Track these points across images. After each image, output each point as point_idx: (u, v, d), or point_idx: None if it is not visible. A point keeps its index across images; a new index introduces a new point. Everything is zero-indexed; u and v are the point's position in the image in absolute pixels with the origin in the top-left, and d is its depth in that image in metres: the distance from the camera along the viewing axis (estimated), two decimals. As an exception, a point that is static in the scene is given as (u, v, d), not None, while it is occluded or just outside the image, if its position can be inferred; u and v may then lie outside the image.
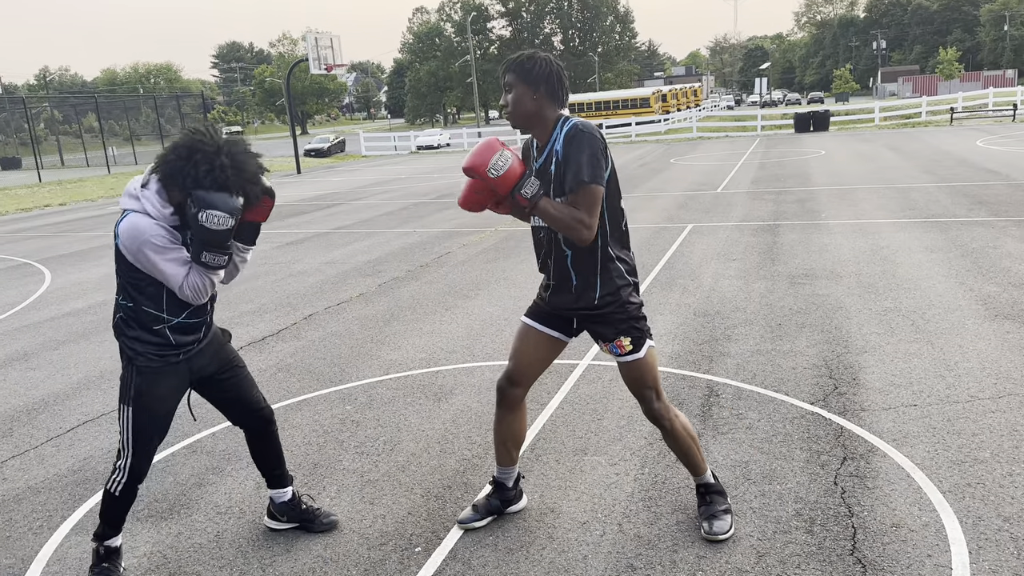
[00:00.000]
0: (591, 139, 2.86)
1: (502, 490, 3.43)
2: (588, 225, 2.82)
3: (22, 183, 31.63)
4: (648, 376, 3.10)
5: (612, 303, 3.01)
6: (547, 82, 2.91)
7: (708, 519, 3.21)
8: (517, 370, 3.26)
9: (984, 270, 7.28)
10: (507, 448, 3.36)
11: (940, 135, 25.35)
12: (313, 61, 27.04)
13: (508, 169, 2.78)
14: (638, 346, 3.05)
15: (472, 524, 3.38)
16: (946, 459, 3.71)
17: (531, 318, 3.27)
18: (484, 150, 2.80)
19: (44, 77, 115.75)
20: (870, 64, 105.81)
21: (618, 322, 3.03)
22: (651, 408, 3.15)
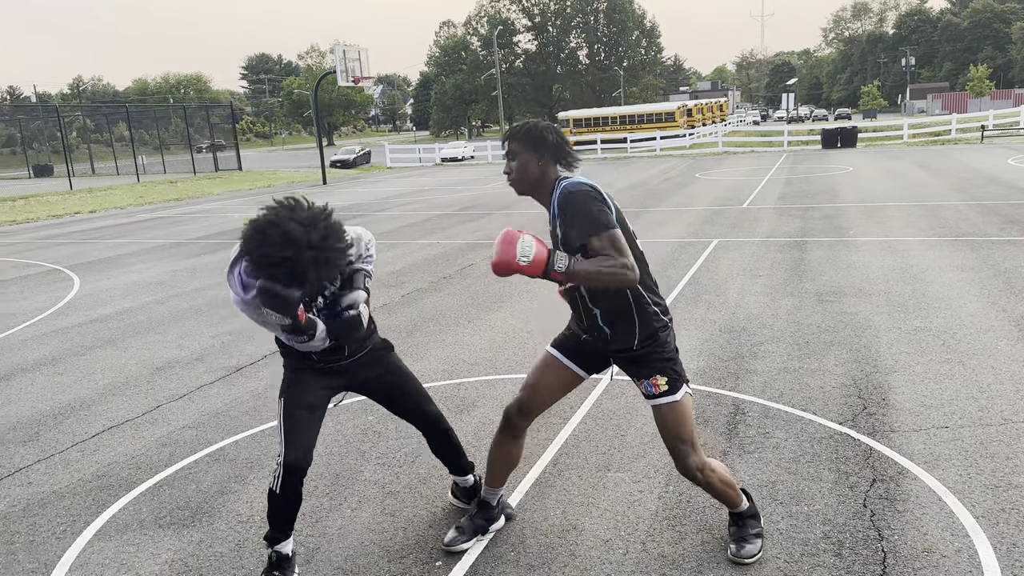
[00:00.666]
0: (585, 193, 2.84)
1: (486, 509, 3.43)
2: (630, 266, 2.75)
3: (53, 190, 32.17)
4: (684, 427, 3.00)
5: (650, 344, 2.99)
6: (551, 145, 2.95)
7: (737, 541, 3.17)
8: (531, 401, 3.24)
9: (1017, 290, 7.15)
10: (499, 471, 3.36)
11: (970, 153, 25.03)
12: (341, 73, 27.27)
13: (535, 253, 2.76)
14: (674, 388, 2.99)
15: (458, 546, 3.33)
16: (979, 483, 3.62)
17: (558, 350, 3.22)
18: (507, 245, 2.78)
19: (77, 87, 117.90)
20: (899, 81, 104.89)
21: (655, 361, 2.99)
22: (686, 464, 3.03)
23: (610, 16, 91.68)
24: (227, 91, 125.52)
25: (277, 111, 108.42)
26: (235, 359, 6.41)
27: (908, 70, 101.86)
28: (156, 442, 4.73)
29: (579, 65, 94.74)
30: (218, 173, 40.53)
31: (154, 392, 5.70)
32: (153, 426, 5.01)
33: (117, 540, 3.59)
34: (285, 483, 3.05)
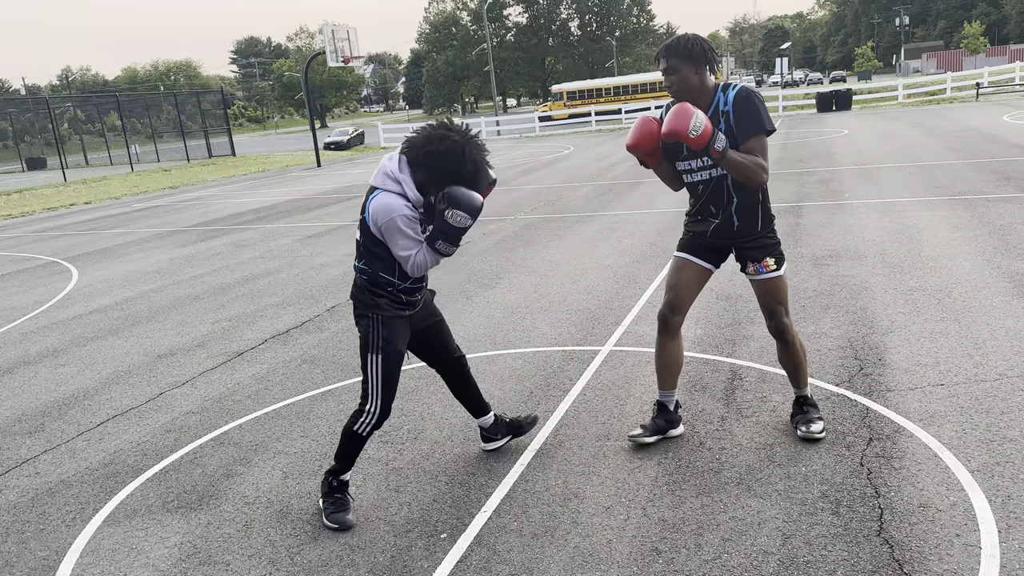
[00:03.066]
0: (760, 97, 3.44)
1: (665, 411, 3.90)
2: (767, 169, 3.42)
3: (48, 183, 32.07)
4: (782, 293, 3.68)
5: (765, 234, 3.66)
6: (707, 56, 3.41)
7: (805, 423, 3.78)
8: (677, 299, 3.74)
9: (1012, 247, 7.16)
10: (669, 372, 3.83)
11: (966, 111, 24.93)
12: (330, 54, 27.08)
13: (704, 129, 3.26)
14: (779, 265, 3.67)
15: (642, 439, 3.82)
16: (974, 438, 3.66)
17: (686, 252, 3.80)
18: (682, 115, 3.25)
19: (66, 77, 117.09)
20: (893, 41, 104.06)
21: (768, 247, 3.66)
22: (780, 322, 3.70)
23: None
24: (217, 76, 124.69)
25: (268, 95, 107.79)
26: (236, 344, 6.45)
27: (902, 30, 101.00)
28: (161, 428, 4.78)
29: (571, 37, 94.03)
30: (212, 159, 40.39)
31: (156, 380, 5.74)
32: (157, 413, 5.05)
33: (126, 525, 3.65)
34: (374, 427, 3.46)
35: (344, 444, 3.49)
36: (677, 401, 3.95)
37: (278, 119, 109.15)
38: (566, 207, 12.69)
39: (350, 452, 3.51)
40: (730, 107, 3.42)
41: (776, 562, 2.89)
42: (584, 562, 3.01)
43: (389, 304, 3.42)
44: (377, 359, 3.41)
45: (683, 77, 3.40)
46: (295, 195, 19.04)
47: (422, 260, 3.30)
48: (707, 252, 3.77)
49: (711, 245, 3.75)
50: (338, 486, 3.53)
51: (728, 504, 3.30)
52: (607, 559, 3.01)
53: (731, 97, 3.43)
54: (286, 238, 12.08)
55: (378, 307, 3.41)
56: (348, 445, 3.49)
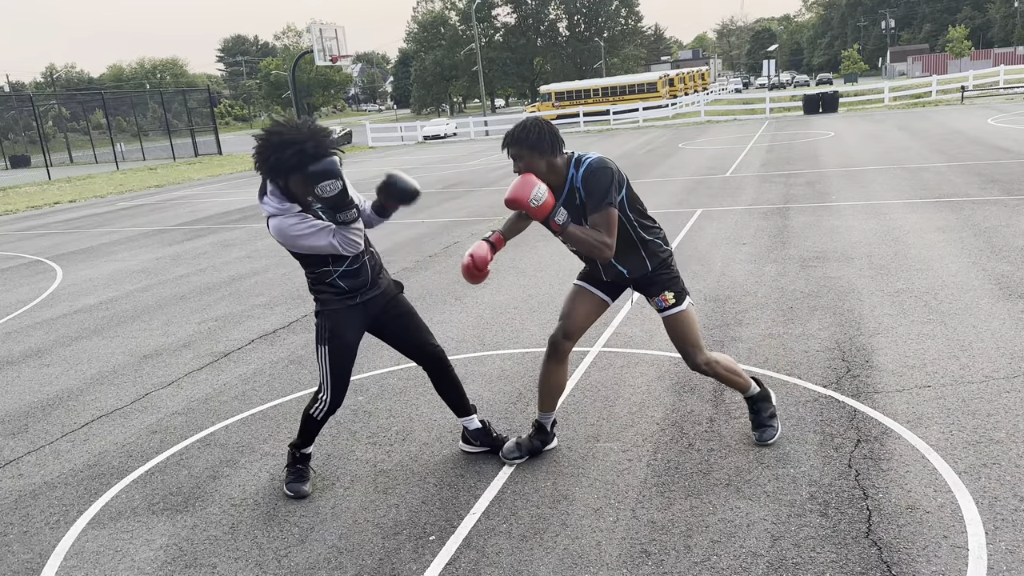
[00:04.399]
0: (606, 172, 3.37)
1: (542, 432, 3.92)
2: (609, 245, 3.37)
3: (32, 181, 31.79)
4: (689, 332, 3.62)
5: (660, 269, 3.60)
6: (550, 142, 3.37)
7: (757, 428, 3.82)
8: (570, 326, 3.71)
9: (997, 249, 7.22)
10: (551, 396, 3.84)
11: (951, 114, 25.12)
12: (318, 53, 27.00)
13: (544, 201, 3.30)
14: (680, 299, 3.60)
15: (514, 458, 3.83)
16: (961, 440, 3.68)
17: (584, 281, 3.79)
18: (524, 185, 3.28)
19: (51, 75, 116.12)
20: (879, 44, 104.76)
21: (664, 281, 3.60)
22: (694, 362, 3.66)
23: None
24: (204, 74, 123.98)
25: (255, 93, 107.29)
26: (222, 345, 6.40)
27: (888, 33, 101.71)
28: (146, 430, 4.74)
29: (559, 37, 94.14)
30: (198, 158, 40.16)
31: (142, 380, 5.69)
32: (142, 414, 5.01)
33: (111, 528, 3.61)
34: (327, 414, 3.69)
35: (303, 423, 3.76)
36: (554, 420, 3.97)
37: (265, 118, 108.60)
38: (554, 208, 12.67)
39: (307, 431, 3.77)
40: (579, 183, 3.40)
41: (765, 564, 2.89)
42: (573, 564, 3.00)
43: (331, 296, 3.58)
44: (324, 351, 3.60)
45: (528, 164, 3.39)
46: (282, 194, 18.91)
47: (343, 239, 3.43)
48: (603, 285, 3.76)
49: (608, 283, 3.75)
50: (300, 458, 3.81)
51: (717, 506, 3.30)
52: (596, 561, 3.01)
53: (581, 172, 3.40)
54: (273, 237, 12.00)
55: (322, 301, 3.60)
56: (305, 425, 3.76)
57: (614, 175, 3.39)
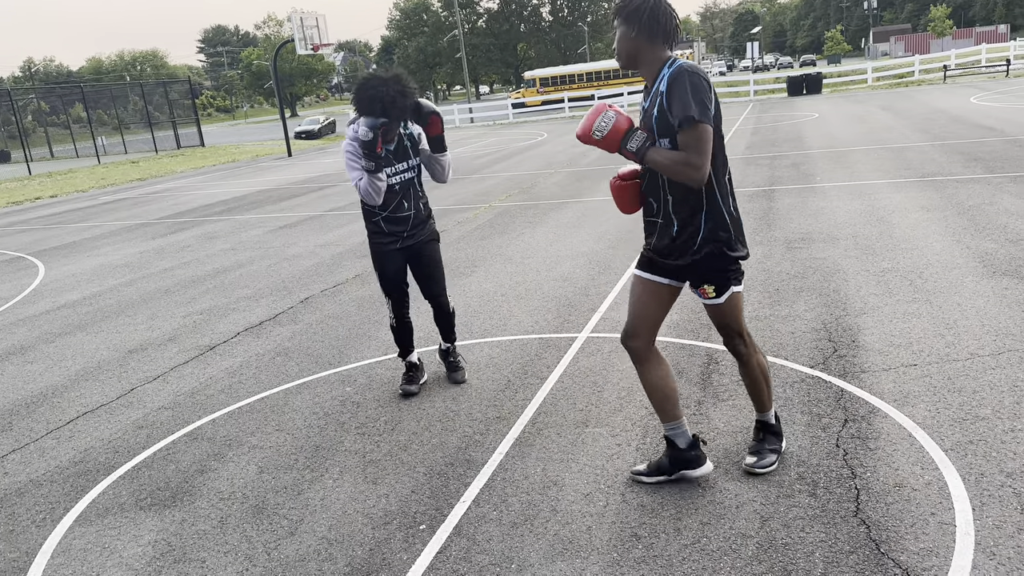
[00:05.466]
0: (695, 77, 2.84)
1: (672, 448, 3.33)
2: (697, 166, 2.82)
3: (12, 176, 31.43)
4: (730, 318, 3.20)
5: (709, 250, 3.05)
6: (644, 23, 2.92)
7: (754, 453, 3.41)
8: (633, 323, 3.25)
9: (981, 227, 7.26)
10: (658, 403, 3.30)
11: (934, 93, 25.21)
12: (299, 42, 26.73)
13: (611, 129, 2.93)
14: (722, 290, 3.14)
15: (640, 478, 3.40)
16: (947, 417, 3.70)
17: (640, 269, 3.28)
18: (589, 115, 2.98)
19: (29, 68, 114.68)
20: (861, 24, 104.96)
21: (713, 268, 3.09)
22: (732, 344, 3.28)
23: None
24: (185, 66, 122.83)
25: (237, 84, 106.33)
26: (207, 338, 6.36)
27: (870, 13, 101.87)
28: (132, 425, 4.70)
29: (543, 23, 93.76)
30: (180, 150, 39.81)
31: (127, 375, 5.64)
32: (128, 409, 4.97)
33: (98, 524, 3.58)
34: (393, 323, 4.66)
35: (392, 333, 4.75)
36: (696, 436, 3.36)
37: (247, 108, 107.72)
38: (541, 194, 12.66)
39: (396, 339, 4.75)
40: (664, 88, 2.92)
41: (755, 545, 2.90)
42: (564, 549, 3.00)
43: (373, 232, 4.53)
44: (376, 273, 4.65)
45: (619, 37, 2.98)
46: (266, 185, 18.81)
47: (364, 185, 4.24)
48: (662, 268, 3.20)
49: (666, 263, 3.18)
50: (409, 367, 4.76)
51: (706, 488, 3.31)
52: (587, 546, 3.01)
53: (666, 75, 2.92)
54: (257, 229, 11.93)
55: (368, 233, 4.57)
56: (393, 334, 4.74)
57: (703, 83, 2.86)
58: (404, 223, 4.50)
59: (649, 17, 2.90)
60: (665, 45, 2.96)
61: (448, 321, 4.79)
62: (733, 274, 3.13)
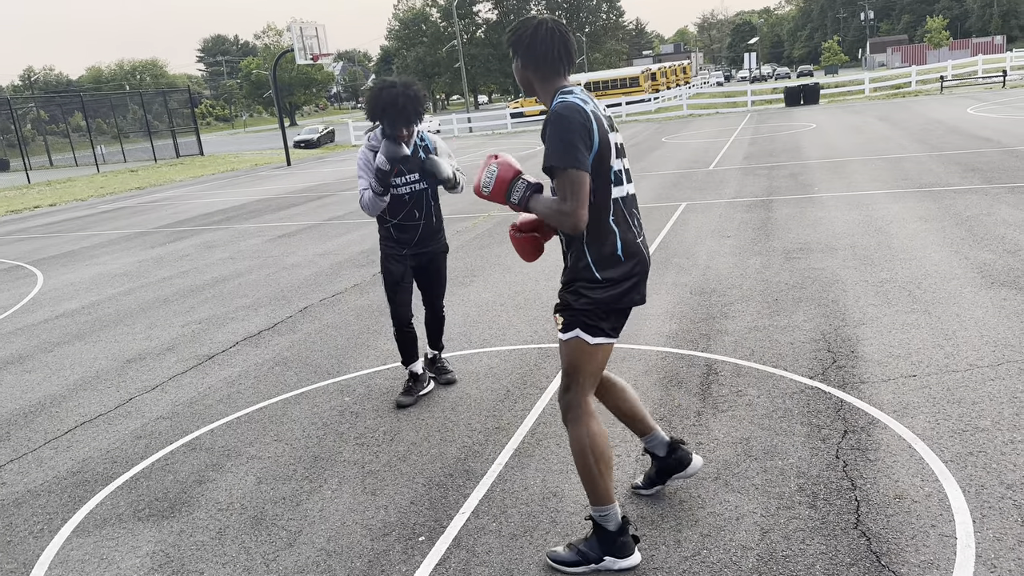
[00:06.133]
0: (564, 121, 2.62)
1: (656, 459, 3.31)
2: (567, 212, 2.61)
3: (11, 185, 31.43)
4: (567, 364, 2.88)
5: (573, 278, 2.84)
6: (525, 53, 2.75)
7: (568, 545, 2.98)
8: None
9: (979, 238, 7.27)
10: (631, 422, 3.24)
11: (931, 104, 25.30)
12: (299, 51, 26.81)
13: (495, 183, 2.79)
14: (566, 328, 2.85)
15: (641, 491, 3.40)
16: (947, 428, 3.70)
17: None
18: (479, 171, 2.86)
19: (28, 77, 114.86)
20: (858, 35, 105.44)
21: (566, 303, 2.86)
22: (560, 395, 2.94)
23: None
24: (184, 75, 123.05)
25: (236, 93, 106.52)
26: (206, 347, 6.35)
27: (867, 24, 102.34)
28: (130, 435, 4.69)
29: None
30: (179, 159, 39.84)
31: (126, 385, 5.63)
32: (127, 419, 4.95)
33: (96, 535, 3.56)
34: (397, 329, 4.66)
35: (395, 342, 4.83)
36: (672, 439, 3.28)
37: (246, 117, 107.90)
38: (539, 204, 12.65)
39: (399, 348, 4.75)
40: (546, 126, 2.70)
41: (755, 557, 2.89)
42: (564, 562, 2.98)
43: (384, 239, 4.60)
44: (382, 279, 4.67)
45: (515, 67, 2.83)
46: (265, 194, 18.83)
47: (366, 200, 4.33)
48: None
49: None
50: (411, 376, 4.75)
51: (706, 500, 3.31)
52: (587, 558, 2.99)
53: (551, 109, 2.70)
54: (256, 238, 11.93)
55: (379, 238, 4.64)
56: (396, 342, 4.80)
57: (577, 122, 2.61)
58: (413, 232, 4.54)
59: (528, 47, 2.74)
60: (555, 73, 2.76)
61: (438, 326, 4.91)
62: (586, 317, 2.80)
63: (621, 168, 2.79)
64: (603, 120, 2.72)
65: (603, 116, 2.75)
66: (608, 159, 2.72)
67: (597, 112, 2.71)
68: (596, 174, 2.69)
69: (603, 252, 2.77)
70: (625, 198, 2.81)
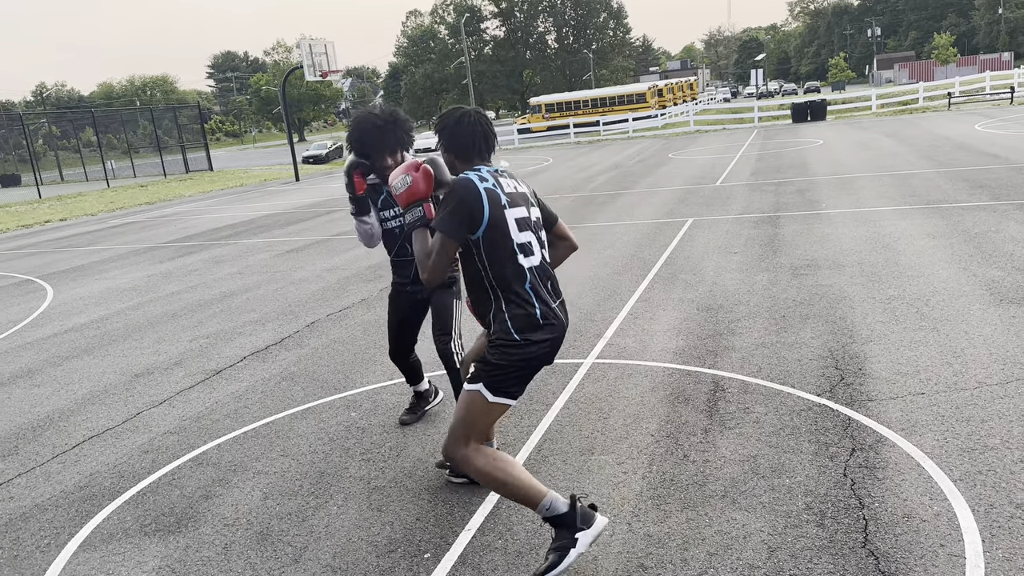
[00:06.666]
0: (453, 193, 2.93)
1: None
2: (425, 267, 2.94)
3: (22, 199, 31.67)
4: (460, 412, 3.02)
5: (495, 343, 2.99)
6: (446, 138, 3.08)
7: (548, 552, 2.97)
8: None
9: (987, 255, 7.25)
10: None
11: (938, 120, 25.29)
12: (308, 68, 27.01)
13: (405, 193, 2.98)
14: (473, 380, 3.01)
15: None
16: (955, 447, 3.68)
17: None
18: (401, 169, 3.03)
19: (41, 93, 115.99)
20: (865, 52, 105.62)
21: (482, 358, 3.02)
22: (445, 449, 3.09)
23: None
24: (194, 91, 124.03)
25: (246, 109, 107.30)
26: (214, 362, 6.36)
27: (874, 40, 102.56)
28: (138, 449, 4.70)
29: (548, 50, 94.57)
30: (189, 174, 40.09)
31: (133, 399, 5.65)
32: (134, 434, 4.97)
33: (102, 550, 3.57)
34: (396, 363, 4.61)
35: None
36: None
37: (256, 133, 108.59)
38: (546, 219, 12.68)
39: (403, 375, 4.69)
40: None
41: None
42: (570, 580, 2.97)
43: (392, 272, 4.43)
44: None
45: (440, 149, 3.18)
46: (273, 210, 18.92)
47: (356, 229, 4.22)
48: None
49: None
50: (415, 395, 4.75)
51: (713, 518, 3.29)
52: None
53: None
54: (264, 253, 11.98)
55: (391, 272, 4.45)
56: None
57: (464, 206, 2.89)
58: (408, 268, 4.28)
59: (450, 136, 3.07)
60: (472, 157, 3.07)
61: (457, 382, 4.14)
62: (494, 379, 2.95)
63: (530, 241, 3.02)
64: (500, 197, 2.96)
65: (504, 194, 2.98)
66: (504, 232, 2.94)
67: (495, 190, 2.96)
68: (493, 245, 2.93)
69: (521, 316, 2.96)
70: (538, 267, 3.04)
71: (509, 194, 3.01)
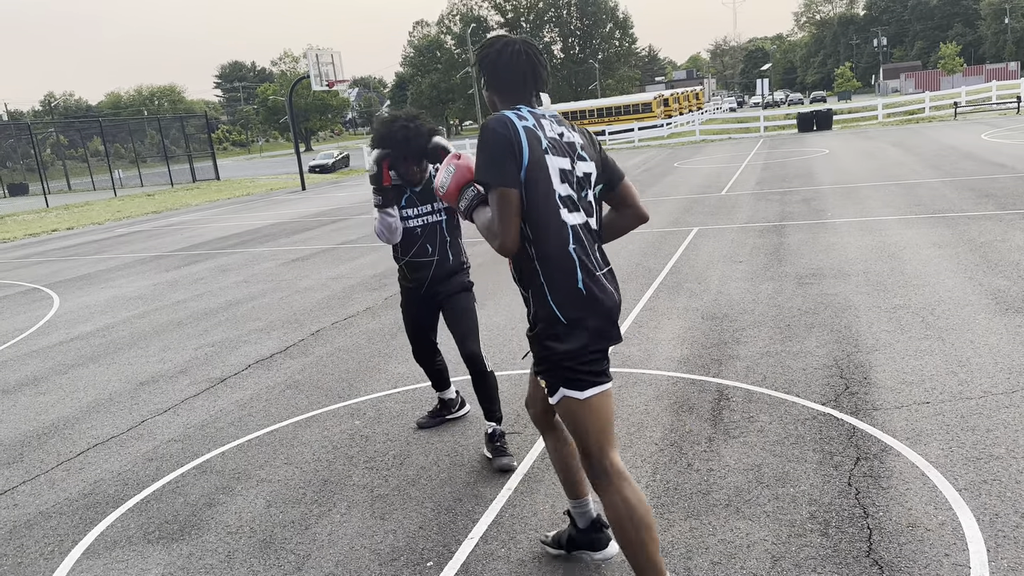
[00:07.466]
0: (486, 132, 2.47)
1: (574, 527, 3.06)
2: (494, 233, 2.45)
3: (30, 208, 31.84)
4: (570, 429, 2.64)
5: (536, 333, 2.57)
6: (488, 71, 2.63)
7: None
8: (529, 391, 3.03)
9: (993, 264, 7.23)
10: (567, 476, 2.98)
11: (945, 130, 25.26)
12: (315, 78, 27.15)
13: (451, 184, 2.67)
14: (551, 391, 2.60)
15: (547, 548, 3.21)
16: (961, 456, 3.66)
17: None
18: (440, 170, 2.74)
19: (49, 103, 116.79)
20: (871, 61, 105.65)
21: (539, 359, 2.60)
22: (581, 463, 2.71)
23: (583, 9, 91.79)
24: (201, 101, 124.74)
25: (253, 119, 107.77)
26: (219, 370, 6.38)
27: (880, 50, 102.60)
28: (142, 457, 4.71)
29: (554, 59, 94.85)
30: (196, 184, 40.27)
31: (138, 407, 5.66)
32: (138, 441, 4.98)
33: (106, 557, 3.57)
34: (422, 367, 4.59)
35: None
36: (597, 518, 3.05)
37: (262, 143, 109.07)
38: (551, 228, 12.68)
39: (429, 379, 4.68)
40: None
41: (766, 585, 2.86)
42: (572, 588, 2.97)
43: (401, 276, 4.40)
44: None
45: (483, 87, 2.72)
46: (279, 219, 18.98)
47: (376, 222, 4.15)
48: None
49: None
50: (440, 402, 4.76)
51: (717, 527, 3.28)
52: (596, 585, 2.97)
53: None
54: (270, 262, 12.02)
55: (399, 279, 4.43)
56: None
57: (502, 142, 2.44)
58: (426, 269, 4.21)
59: (490, 69, 2.61)
60: (518, 95, 2.61)
61: (485, 385, 4.18)
62: (566, 374, 2.54)
63: (571, 195, 2.53)
64: (542, 140, 2.49)
65: (545, 137, 2.51)
66: (547, 176, 2.48)
67: (536, 131, 2.50)
68: (534, 191, 2.46)
69: (564, 287, 2.49)
70: (583, 226, 2.55)
71: (551, 139, 2.53)
